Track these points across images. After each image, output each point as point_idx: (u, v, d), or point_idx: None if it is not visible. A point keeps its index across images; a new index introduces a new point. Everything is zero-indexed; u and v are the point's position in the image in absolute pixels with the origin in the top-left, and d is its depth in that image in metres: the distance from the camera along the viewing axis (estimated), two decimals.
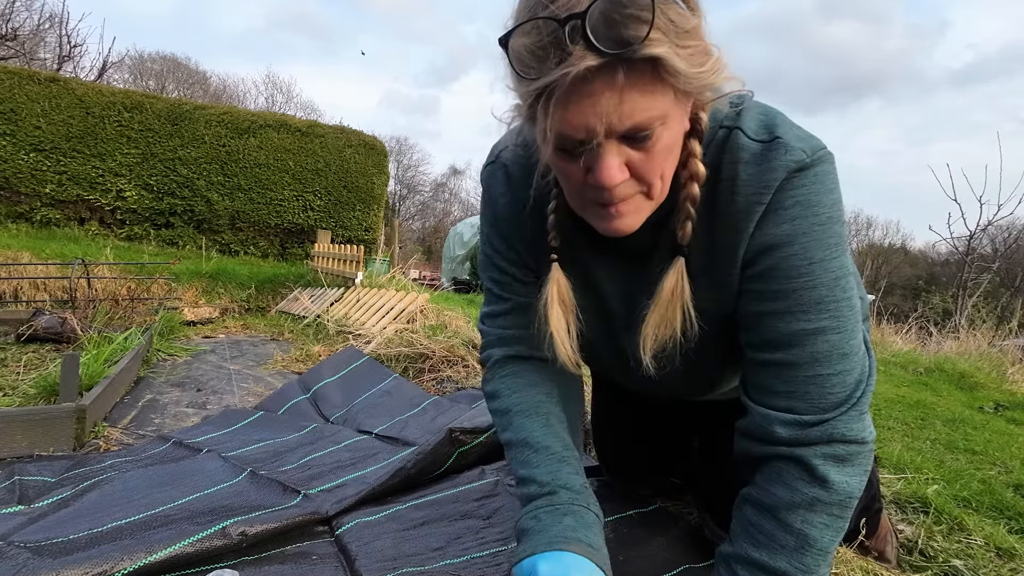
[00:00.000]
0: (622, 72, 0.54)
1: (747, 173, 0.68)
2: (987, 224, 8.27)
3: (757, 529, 0.71)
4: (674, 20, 0.55)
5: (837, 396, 0.69)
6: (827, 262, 0.67)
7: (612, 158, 0.60)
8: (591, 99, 0.56)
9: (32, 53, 13.96)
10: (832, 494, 0.68)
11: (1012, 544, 1.27)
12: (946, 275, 24.02)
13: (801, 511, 0.69)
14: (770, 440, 0.71)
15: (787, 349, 0.69)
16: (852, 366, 0.69)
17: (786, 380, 0.70)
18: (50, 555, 0.97)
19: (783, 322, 0.69)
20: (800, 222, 0.67)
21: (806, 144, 0.67)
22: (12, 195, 6.81)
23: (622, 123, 0.57)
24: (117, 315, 3.79)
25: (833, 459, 0.68)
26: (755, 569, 0.70)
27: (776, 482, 0.71)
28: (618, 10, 0.52)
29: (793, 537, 0.69)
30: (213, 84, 27.97)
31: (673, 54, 0.54)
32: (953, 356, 4.43)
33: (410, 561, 1.06)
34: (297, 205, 7.89)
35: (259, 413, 2.07)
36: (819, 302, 0.68)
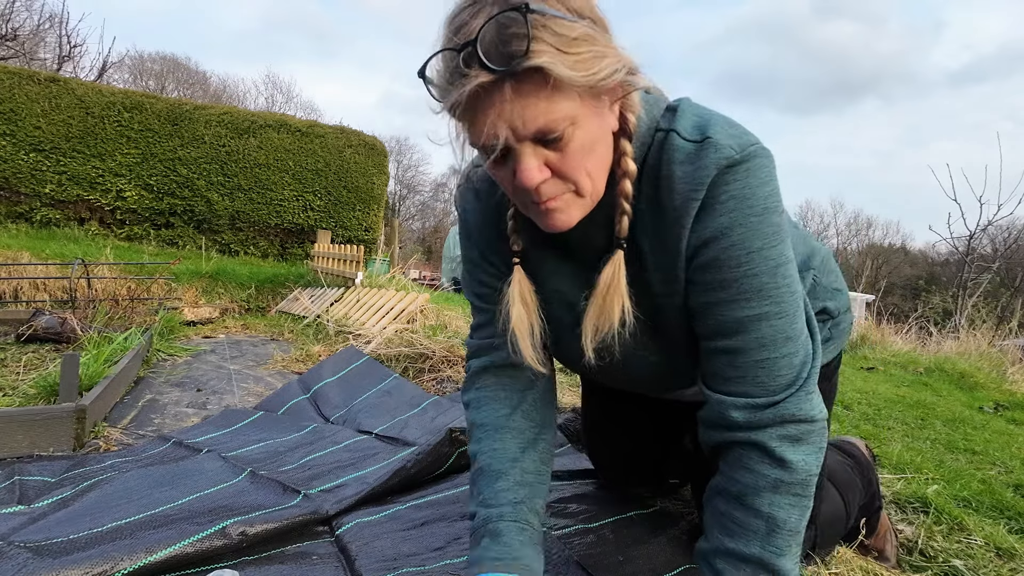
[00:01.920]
0: (510, 84, 0.61)
1: (682, 171, 0.72)
2: (987, 224, 8.27)
3: (728, 519, 0.74)
4: (558, 32, 0.61)
5: (785, 378, 0.72)
6: (765, 251, 0.71)
7: (529, 160, 0.66)
8: (492, 109, 0.63)
9: (32, 53, 13.96)
10: (792, 474, 0.71)
11: (1012, 544, 1.27)
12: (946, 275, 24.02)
13: (767, 494, 0.72)
14: (728, 426, 0.75)
15: (734, 336, 0.73)
16: (796, 349, 0.73)
17: (736, 366, 0.74)
18: (50, 555, 0.97)
19: (728, 310, 0.73)
20: (736, 214, 0.71)
21: (736, 142, 0.71)
22: (12, 195, 6.81)
23: (527, 128, 0.64)
24: (117, 315, 3.78)
25: (788, 440, 0.72)
26: (731, 559, 0.72)
27: (739, 468, 0.74)
28: (503, 32, 0.60)
29: (763, 521, 0.71)
30: (213, 84, 27.99)
31: (557, 62, 0.60)
32: (953, 356, 4.43)
33: (410, 561, 1.06)
34: (297, 205, 7.89)
35: (259, 413, 2.07)
36: (760, 289, 0.72)
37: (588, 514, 1.26)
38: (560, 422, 1.82)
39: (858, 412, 2.58)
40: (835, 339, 1.06)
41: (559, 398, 2.29)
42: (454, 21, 0.64)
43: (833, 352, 1.08)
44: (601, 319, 0.77)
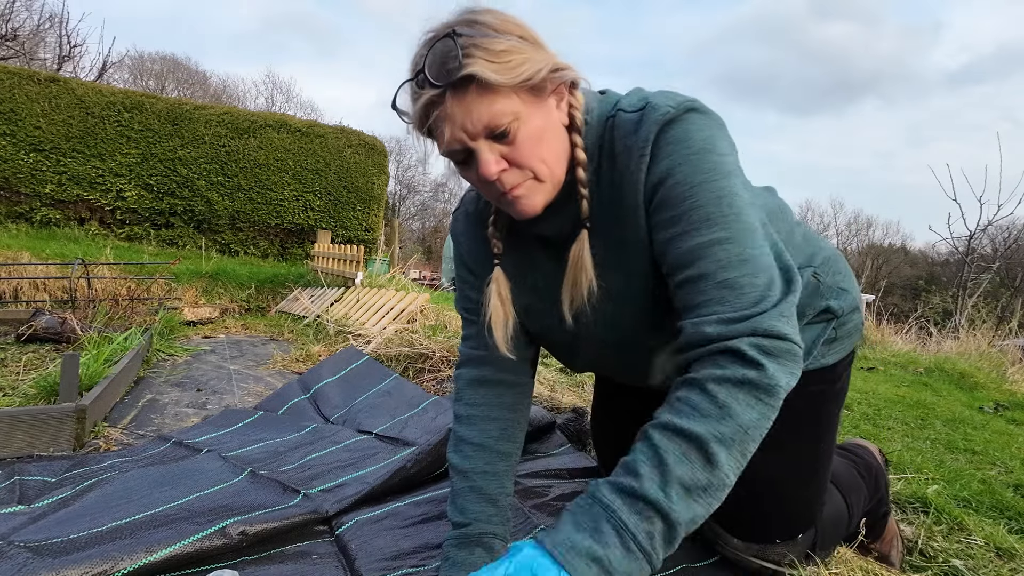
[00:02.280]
0: (452, 93, 0.75)
1: (631, 140, 0.81)
2: (987, 224, 8.27)
3: (683, 401, 0.72)
4: (485, 47, 0.74)
5: (751, 295, 0.73)
6: (707, 184, 0.76)
7: (486, 154, 0.78)
8: (446, 119, 0.77)
9: (32, 53, 13.96)
10: (763, 376, 0.69)
11: (1012, 544, 1.27)
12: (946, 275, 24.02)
13: (729, 385, 0.70)
14: (703, 342, 0.74)
15: (693, 265, 0.77)
16: (756, 270, 0.75)
17: (702, 290, 0.76)
18: (50, 555, 0.97)
19: (682, 241, 0.77)
20: (675, 156, 0.78)
21: (672, 101, 0.80)
22: (12, 195, 6.81)
23: (475, 127, 0.76)
24: (117, 315, 3.78)
25: (761, 350, 0.71)
26: (672, 434, 0.69)
27: (709, 364, 0.73)
28: (442, 55, 0.75)
29: (716, 407, 0.69)
30: (213, 84, 27.98)
31: (485, 69, 0.73)
32: (953, 356, 4.43)
33: (409, 560, 1.06)
34: (297, 205, 7.89)
35: (259, 413, 2.07)
36: (707, 218, 0.76)
37: None
38: (560, 422, 1.82)
39: (858, 412, 2.58)
40: (841, 339, 1.06)
41: (559, 398, 2.29)
42: (412, 61, 0.79)
43: (841, 352, 1.07)
44: (574, 290, 0.86)
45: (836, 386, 1.09)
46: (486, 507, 0.97)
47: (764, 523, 1.04)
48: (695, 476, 0.67)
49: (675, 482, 0.66)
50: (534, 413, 1.75)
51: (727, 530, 1.08)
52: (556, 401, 2.25)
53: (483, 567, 0.72)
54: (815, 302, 1.01)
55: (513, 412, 1.04)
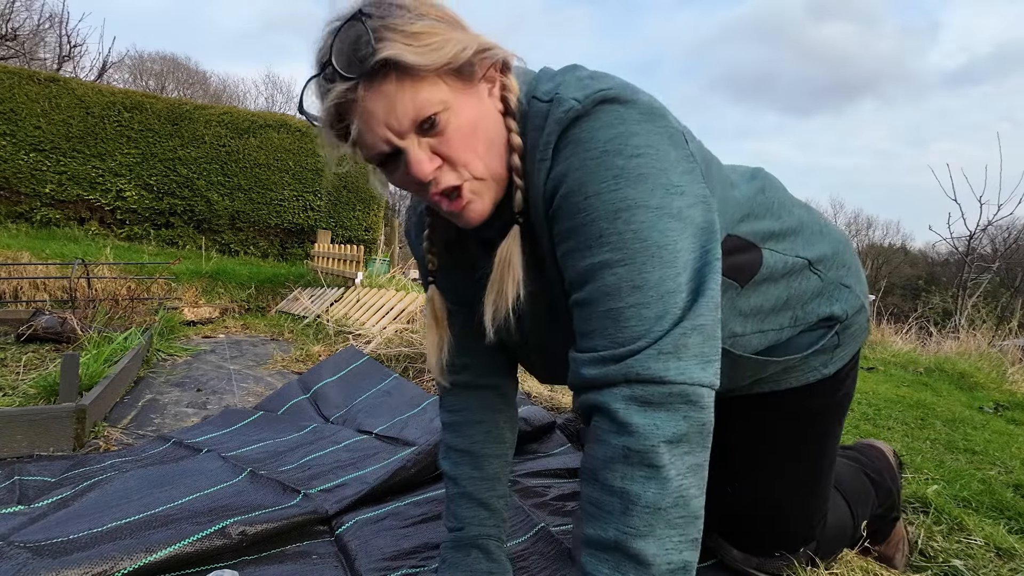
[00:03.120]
0: (367, 85, 0.65)
1: (537, 137, 0.71)
2: (987, 224, 8.27)
3: (589, 502, 0.66)
4: (399, 28, 0.65)
5: (633, 330, 0.65)
6: (604, 194, 0.66)
7: (416, 152, 0.68)
8: (366, 115, 0.67)
9: (32, 53, 13.97)
10: (639, 440, 0.62)
11: (1012, 544, 1.27)
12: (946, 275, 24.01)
13: (618, 466, 0.63)
14: (582, 385, 0.69)
15: (582, 287, 0.69)
16: (647, 300, 0.65)
17: (587, 319, 0.68)
18: (50, 555, 0.97)
19: (574, 259, 0.69)
20: (572, 159, 0.68)
21: (581, 93, 0.68)
22: (12, 195, 6.81)
23: (401, 121, 0.67)
24: (117, 315, 3.78)
25: (635, 401, 0.64)
26: (592, 549, 0.64)
27: (593, 442, 0.67)
28: (348, 41, 0.65)
29: (617, 499, 0.63)
30: (213, 84, 27.98)
31: (404, 51, 0.63)
32: (953, 356, 4.43)
33: (409, 560, 1.06)
34: (297, 205, 7.89)
35: (259, 413, 2.07)
36: (600, 235, 0.66)
37: None
38: (560, 422, 1.82)
39: (858, 412, 2.58)
40: (844, 345, 0.97)
41: (559, 398, 2.29)
42: (316, 54, 0.69)
43: (844, 359, 0.98)
44: (499, 297, 0.74)
45: (838, 396, 1.01)
46: (479, 511, 0.95)
47: (764, 536, 1.03)
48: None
49: None
50: (534, 413, 1.75)
51: (728, 541, 1.07)
52: (556, 401, 2.25)
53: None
54: (817, 306, 0.92)
55: (497, 413, 0.99)
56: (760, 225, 0.87)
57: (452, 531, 0.96)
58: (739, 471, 1.00)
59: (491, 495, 0.97)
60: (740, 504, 0.94)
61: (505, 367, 1.01)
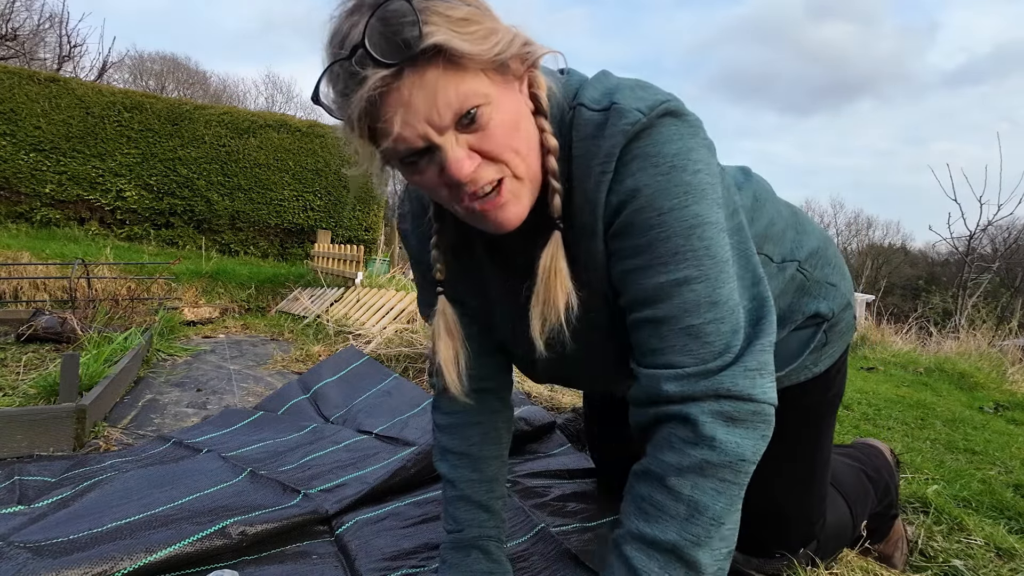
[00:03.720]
0: (411, 73, 0.59)
1: (593, 146, 0.68)
2: (987, 224, 8.27)
3: (648, 502, 0.67)
4: (444, 13, 0.59)
5: (716, 345, 0.66)
6: (678, 211, 0.66)
7: (456, 151, 0.62)
8: (402, 107, 0.60)
9: (32, 53, 13.96)
10: (720, 455, 0.64)
11: (1012, 544, 1.27)
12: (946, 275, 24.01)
13: (691, 475, 0.64)
14: (659, 400, 0.68)
15: (655, 304, 0.68)
16: (723, 315, 0.67)
17: (662, 336, 0.68)
18: (50, 555, 0.97)
19: (645, 277, 0.68)
20: (641, 175, 0.66)
21: (643, 103, 0.67)
22: (12, 195, 6.82)
23: (443, 115, 0.61)
24: (117, 315, 3.78)
25: (721, 417, 0.65)
26: (643, 544, 0.65)
27: (665, 448, 0.67)
28: (390, 23, 0.57)
29: (683, 505, 0.64)
30: (213, 84, 27.97)
31: (454, 38, 0.58)
32: (953, 356, 4.43)
33: (409, 560, 1.06)
34: (297, 205, 7.89)
35: (259, 413, 2.07)
36: (676, 252, 0.66)
37: (587, 513, 1.26)
38: (560, 422, 1.82)
39: (858, 412, 2.58)
40: (833, 342, 0.98)
41: (559, 398, 2.29)
42: (335, 37, 0.62)
43: (833, 357, 1.00)
44: (547, 307, 0.72)
45: (830, 393, 1.03)
46: (478, 513, 0.94)
47: (764, 538, 1.03)
48: None
49: None
50: (534, 413, 1.75)
51: None
52: (556, 401, 2.25)
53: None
54: (803, 304, 0.93)
55: (494, 415, 0.97)
56: (756, 228, 0.88)
57: (451, 533, 0.95)
58: None
59: (490, 497, 0.96)
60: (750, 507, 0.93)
61: (502, 368, 1.00)
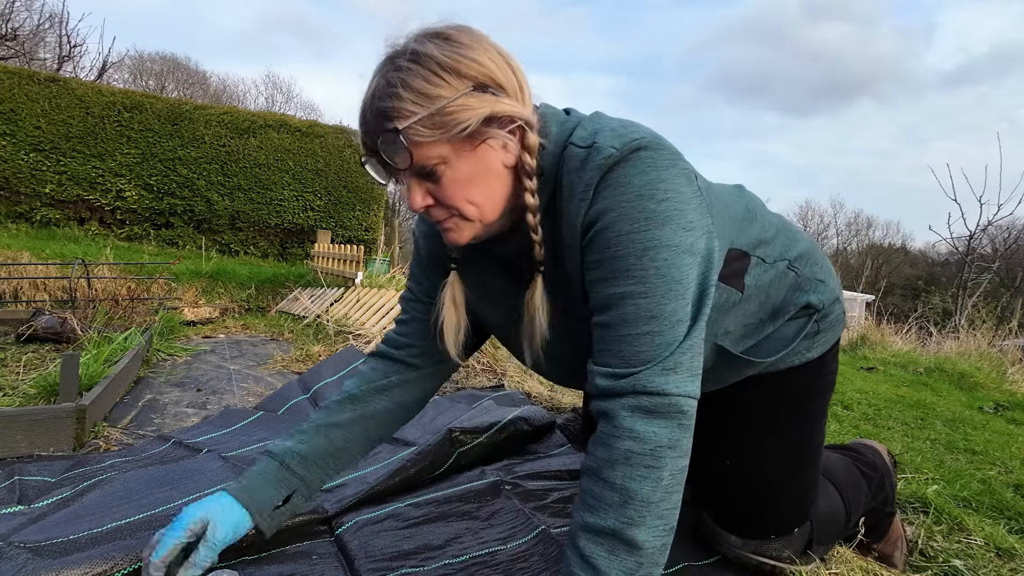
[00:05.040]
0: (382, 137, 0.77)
1: (575, 178, 0.80)
2: (987, 224, 8.27)
3: (589, 495, 0.76)
4: (421, 90, 0.75)
5: (644, 354, 0.75)
6: (634, 234, 0.76)
7: (414, 191, 0.81)
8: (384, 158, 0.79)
9: (32, 53, 13.96)
10: (641, 444, 0.73)
11: (1012, 544, 1.27)
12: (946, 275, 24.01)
13: (620, 466, 0.74)
14: (595, 394, 0.79)
15: (604, 312, 0.79)
16: (661, 328, 0.75)
17: (604, 340, 0.79)
18: (50, 555, 0.97)
19: (600, 287, 0.79)
20: (609, 200, 0.77)
21: (619, 140, 0.77)
22: (12, 195, 6.82)
23: (399, 166, 0.78)
24: (117, 315, 3.78)
25: (640, 411, 0.74)
26: (590, 534, 0.74)
27: (598, 445, 0.77)
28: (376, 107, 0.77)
29: (616, 493, 0.73)
30: (213, 84, 27.97)
31: (414, 125, 0.75)
32: (953, 356, 4.43)
33: (409, 561, 1.06)
34: (297, 205, 7.89)
35: (259, 413, 2.07)
36: (627, 269, 0.76)
37: None
38: (560, 422, 1.82)
39: (858, 412, 2.58)
40: (824, 331, 1.06)
41: (559, 398, 2.29)
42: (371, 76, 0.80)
43: (825, 345, 1.07)
44: (531, 339, 0.88)
45: (823, 379, 1.09)
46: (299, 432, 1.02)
47: (758, 518, 1.06)
48: (625, 567, 0.72)
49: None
50: (534, 413, 1.75)
51: (724, 528, 1.09)
52: (556, 401, 2.25)
53: None
54: (795, 297, 1.02)
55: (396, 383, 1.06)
56: (750, 235, 0.98)
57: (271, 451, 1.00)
58: (730, 451, 1.06)
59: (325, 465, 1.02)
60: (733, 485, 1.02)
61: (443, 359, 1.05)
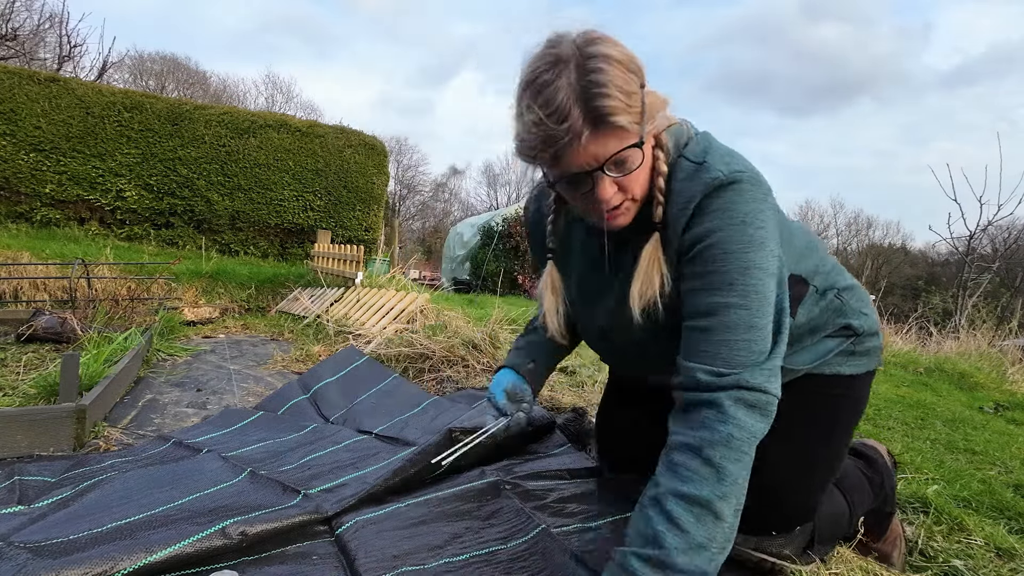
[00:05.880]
0: (591, 130, 0.84)
1: (683, 187, 0.92)
2: (987, 224, 8.27)
3: (684, 467, 0.84)
4: (624, 89, 0.83)
5: (744, 358, 0.87)
6: (738, 254, 0.88)
7: (607, 185, 0.89)
8: (579, 151, 0.86)
9: (32, 53, 13.96)
10: (742, 431, 0.84)
11: (1012, 544, 1.27)
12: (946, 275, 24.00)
13: (720, 447, 0.83)
14: (695, 387, 0.88)
15: (706, 317, 0.89)
16: (755, 338, 0.88)
17: (706, 342, 0.89)
18: (50, 556, 0.97)
19: (705, 295, 0.90)
20: (718, 221, 0.89)
21: (726, 168, 0.90)
22: (12, 195, 6.81)
23: (599, 159, 0.86)
24: (117, 315, 3.78)
25: (742, 403, 0.85)
26: (682, 500, 0.82)
27: (698, 426, 0.86)
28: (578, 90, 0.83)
29: (713, 469, 0.82)
30: (213, 84, 27.98)
31: (624, 119, 0.84)
32: (953, 356, 4.43)
33: (409, 560, 1.06)
34: (297, 205, 7.89)
35: (259, 413, 2.07)
36: (730, 283, 0.88)
37: (588, 513, 1.26)
38: (560, 422, 1.82)
39: None
40: (859, 355, 1.12)
41: (559, 398, 2.29)
42: (534, 74, 0.85)
43: (858, 368, 1.12)
44: (644, 286, 0.95)
45: (852, 397, 1.13)
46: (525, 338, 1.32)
47: (760, 514, 1.06)
48: (709, 533, 0.80)
49: (695, 544, 0.79)
50: (534, 413, 1.75)
51: None
52: (556, 401, 2.25)
53: None
54: (836, 319, 1.10)
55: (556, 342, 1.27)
56: (808, 265, 1.08)
57: None
58: None
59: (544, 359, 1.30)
60: None
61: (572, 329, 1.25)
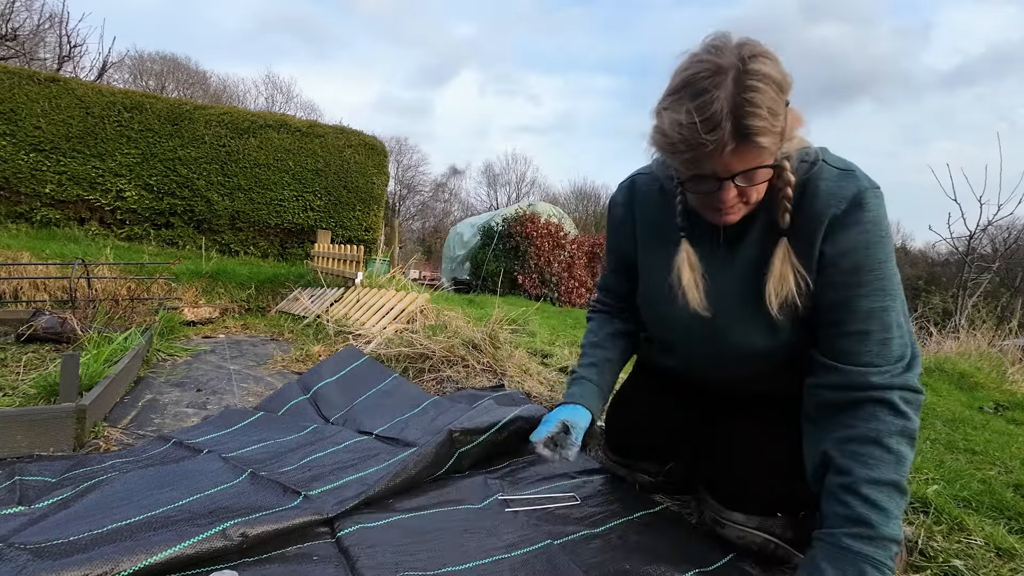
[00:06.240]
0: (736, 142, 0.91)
1: (830, 184, 1.02)
2: (987, 224, 8.25)
3: (867, 456, 0.97)
4: (771, 109, 0.90)
5: (897, 353, 1.01)
6: (888, 262, 1.02)
7: (731, 191, 0.97)
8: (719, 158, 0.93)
9: (32, 53, 13.94)
10: (911, 424, 0.98)
11: (1012, 544, 1.27)
12: (946, 275, 23.97)
13: (896, 436, 0.97)
14: (866, 387, 1.00)
15: (865, 321, 1.01)
16: (902, 334, 1.02)
17: (866, 343, 1.01)
18: (50, 557, 0.97)
19: (862, 301, 1.01)
20: (872, 235, 1.01)
21: (867, 180, 1.02)
22: (12, 195, 6.81)
23: (731, 169, 0.95)
24: (117, 315, 3.78)
25: (906, 401, 0.99)
26: (874, 484, 0.95)
27: (872, 420, 0.99)
28: (732, 104, 0.90)
29: (893, 456, 0.96)
30: (213, 84, 27.96)
31: (767, 141, 0.91)
32: (953, 356, 4.43)
33: (410, 561, 1.06)
34: (297, 205, 7.88)
35: (259, 413, 2.07)
36: (884, 288, 1.01)
37: (594, 518, 1.26)
38: None
39: None
40: None
41: (559, 398, 2.28)
42: (691, 81, 0.92)
43: None
44: (778, 283, 1.04)
45: None
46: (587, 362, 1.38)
47: (766, 486, 1.11)
48: (899, 505, 0.96)
49: (894, 517, 0.94)
50: (534, 412, 1.75)
51: (728, 507, 1.14)
52: (556, 401, 2.25)
53: None
54: None
55: (616, 323, 1.43)
56: None
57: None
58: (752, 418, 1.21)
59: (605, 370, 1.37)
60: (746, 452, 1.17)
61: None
